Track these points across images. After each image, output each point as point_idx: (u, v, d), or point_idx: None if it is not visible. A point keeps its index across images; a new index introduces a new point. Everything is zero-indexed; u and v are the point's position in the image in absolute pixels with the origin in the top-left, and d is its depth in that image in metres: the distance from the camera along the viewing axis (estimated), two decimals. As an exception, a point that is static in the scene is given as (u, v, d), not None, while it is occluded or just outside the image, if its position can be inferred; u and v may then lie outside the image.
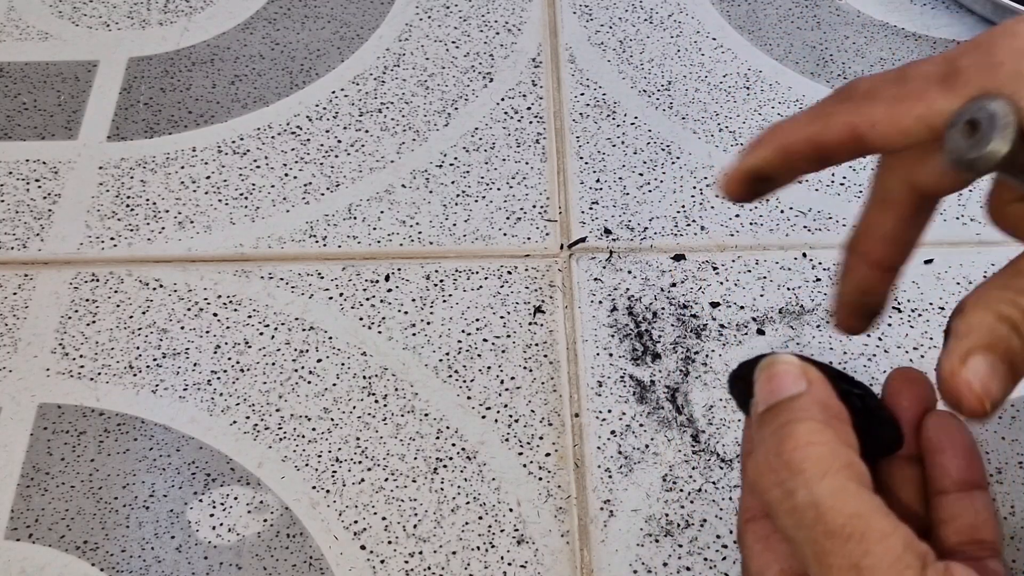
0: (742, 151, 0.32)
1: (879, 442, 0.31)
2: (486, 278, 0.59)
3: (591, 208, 0.62)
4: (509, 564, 0.48)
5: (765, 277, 0.58)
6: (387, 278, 0.59)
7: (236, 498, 0.50)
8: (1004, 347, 0.28)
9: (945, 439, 0.32)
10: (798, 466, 0.26)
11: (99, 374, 0.55)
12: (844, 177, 0.63)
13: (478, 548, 0.49)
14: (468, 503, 0.50)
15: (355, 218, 0.61)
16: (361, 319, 0.57)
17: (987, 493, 0.32)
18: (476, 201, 0.62)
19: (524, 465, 0.51)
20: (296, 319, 0.57)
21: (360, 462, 0.52)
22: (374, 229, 0.61)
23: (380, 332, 0.56)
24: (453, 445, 0.52)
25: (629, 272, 0.58)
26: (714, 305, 0.57)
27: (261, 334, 0.56)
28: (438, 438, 0.52)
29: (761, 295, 0.58)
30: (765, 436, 0.27)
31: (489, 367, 0.55)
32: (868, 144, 0.30)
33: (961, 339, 0.28)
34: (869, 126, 0.30)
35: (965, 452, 0.31)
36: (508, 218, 0.61)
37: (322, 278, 0.59)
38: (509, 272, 0.59)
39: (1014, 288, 0.28)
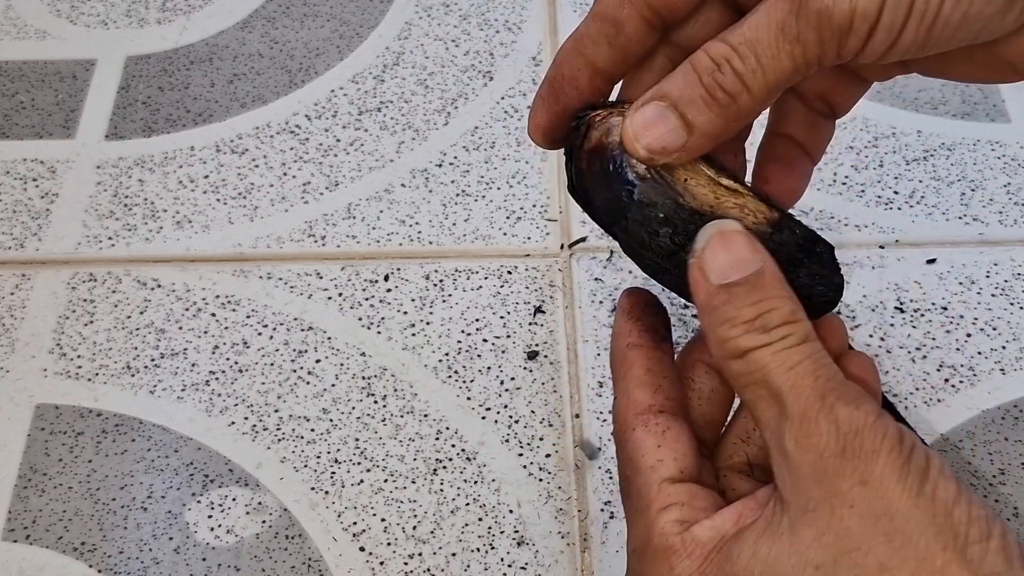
0: (534, 99, 0.32)
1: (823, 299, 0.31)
2: (486, 278, 0.58)
3: (591, 207, 0.61)
4: (509, 566, 0.48)
5: (766, 277, 0.58)
6: (386, 278, 0.58)
7: (235, 499, 0.50)
8: (679, 94, 0.28)
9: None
10: (777, 388, 0.27)
11: (97, 374, 0.54)
12: (846, 176, 0.63)
13: (478, 550, 0.49)
14: (468, 504, 0.50)
15: (354, 218, 0.61)
16: (360, 319, 0.57)
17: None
18: (476, 200, 0.62)
19: (524, 466, 0.51)
20: (295, 319, 0.57)
21: (359, 463, 0.51)
22: (373, 229, 0.61)
23: (379, 332, 0.56)
24: (453, 446, 0.52)
25: (630, 272, 0.58)
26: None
27: (260, 334, 0.56)
28: (438, 439, 0.52)
29: (762, 295, 0.57)
30: (727, 321, 0.28)
31: (489, 367, 0.55)
32: None
33: (650, 89, 0.28)
34: None
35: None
36: (508, 218, 0.61)
37: (321, 278, 0.58)
38: (509, 272, 0.59)
39: (719, 36, 0.28)
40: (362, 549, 0.49)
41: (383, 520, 0.49)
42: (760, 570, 0.25)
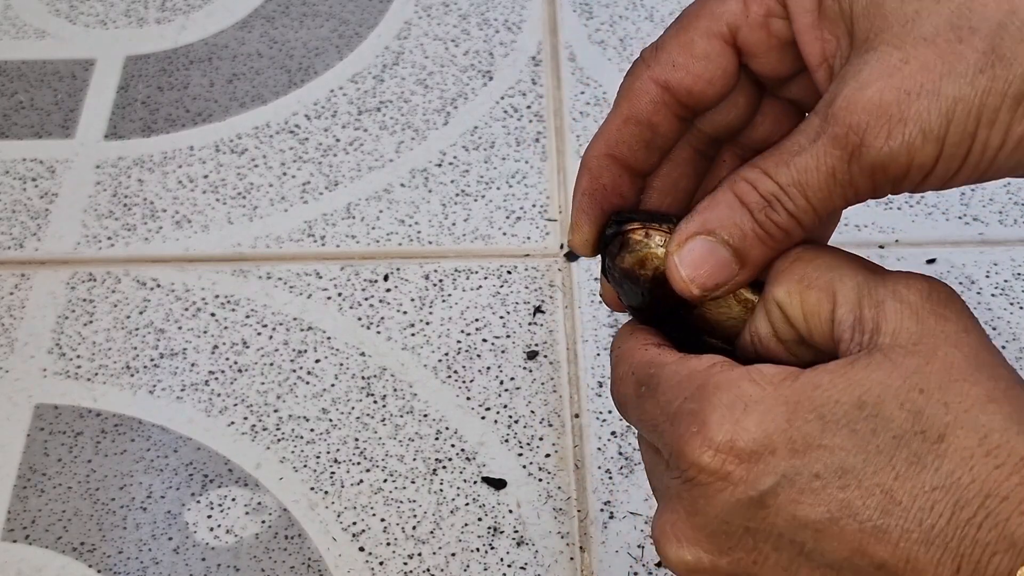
0: (574, 210, 0.31)
1: None
2: (485, 278, 0.58)
3: (591, 207, 0.61)
4: (509, 566, 0.48)
5: (766, 277, 0.58)
6: (386, 278, 0.58)
7: (234, 499, 0.50)
8: (730, 229, 0.27)
9: None
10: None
11: (96, 374, 0.54)
12: (845, 176, 0.63)
13: (477, 550, 0.49)
14: (467, 504, 0.50)
15: (354, 217, 0.61)
16: (360, 319, 0.57)
17: None
18: (475, 200, 0.62)
19: (524, 466, 0.51)
20: (294, 319, 0.57)
21: (359, 463, 0.51)
22: (373, 228, 0.60)
23: (379, 332, 0.56)
24: (452, 446, 0.52)
25: (629, 272, 0.58)
26: (715, 305, 0.57)
27: (259, 334, 0.56)
28: (437, 439, 0.52)
29: (762, 295, 0.57)
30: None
31: (489, 367, 0.55)
32: (676, 89, 0.29)
33: (691, 218, 0.28)
34: (669, 69, 0.29)
35: None
36: (508, 217, 0.61)
37: (320, 278, 0.58)
38: (509, 272, 0.59)
39: (761, 167, 0.27)
40: (362, 549, 0.49)
41: (383, 520, 0.49)
42: (859, 394, 0.25)
